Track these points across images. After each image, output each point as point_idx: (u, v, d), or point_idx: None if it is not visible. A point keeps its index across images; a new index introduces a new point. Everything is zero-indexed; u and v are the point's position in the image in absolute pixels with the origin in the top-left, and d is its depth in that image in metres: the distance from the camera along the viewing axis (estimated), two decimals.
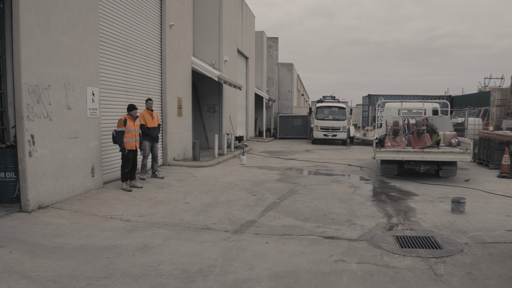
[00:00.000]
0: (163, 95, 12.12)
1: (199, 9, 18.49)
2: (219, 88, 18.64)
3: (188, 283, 4.15)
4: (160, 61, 12.05)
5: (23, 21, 6.28)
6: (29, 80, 6.45)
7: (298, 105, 45.96)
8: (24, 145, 6.39)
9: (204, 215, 6.87)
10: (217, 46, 18.61)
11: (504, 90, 25.14)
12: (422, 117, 12.51)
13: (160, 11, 12.02)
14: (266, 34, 32.90)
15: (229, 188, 9.26)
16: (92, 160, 8.24)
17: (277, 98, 36.28)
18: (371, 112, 30.13)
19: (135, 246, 5.23)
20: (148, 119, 9.75)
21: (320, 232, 6.00)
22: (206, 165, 12.62)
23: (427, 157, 10.41)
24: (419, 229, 6.18)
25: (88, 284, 4.06)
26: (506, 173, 11.31)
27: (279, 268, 4.57)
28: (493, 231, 6.04)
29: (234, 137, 17.99)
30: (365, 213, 7.13)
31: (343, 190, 9.25)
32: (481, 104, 26.73)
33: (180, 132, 13.22)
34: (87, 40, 7.98)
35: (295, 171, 12.45)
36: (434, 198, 8.41)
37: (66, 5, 7.33)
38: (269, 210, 7.27)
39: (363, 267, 4.61)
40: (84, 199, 7.55)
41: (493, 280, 4.28)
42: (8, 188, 6.88)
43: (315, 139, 23.99)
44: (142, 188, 8.86)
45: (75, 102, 7.67)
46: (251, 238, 5.67)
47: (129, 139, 8.56)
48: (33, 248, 5.01)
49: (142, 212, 7.01)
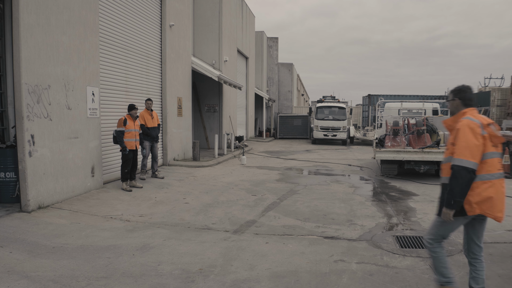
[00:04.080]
0: (163, 95, 12.12)
1: (199, 9, 18.49)
2: (219, 88, 18.64)
3: (188, 283, 4.15)
4: (160, 61, 12.05)
5: (23, 21, 6.28)
6: (29, 80, 6.45)
7: (298, 105, 45.97)
8: (24, 145, 6.39)
9: (204, 215, 6.87)
10: (217, 46, 18.60)
11: (504, 90, 25.14)
12: (422, 117, 12.51)
13: (160, 11, 12.02)
14: (266, 34, 32.91)
15: (229, 188, 9.27)
16: (92, 160, 8.24)
17: (277, 98, 36.28)
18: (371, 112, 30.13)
19: (135, 246, 5.22)
20: (148, 119, 9.75)
21: (320, 232, 6.00)
22: (206, 165, 12.62)
23: (427, 157, 10.41)
24: (419, 229, 6.18)
25: (88, 284, 4.06)
26: (506, 173, 11.31)
27: (279, 268, 4.57)
28: (493, 231, 6.03)
29: (234, 137, 17.99)
30: (365, 213, 7.13)
31: (343, 190, 9.25)
32: (481, 104, 26.72)
33: (180, 132, 13.22)
34: (87, 40, 7.98)
35: (295, 171, 12.44)
36: (434, 198, 8.41)
37: (66, 5, 7.33)
38: (269, 210, 7.27)
39: (363, 267, 4.61)
40: (84, 199, 7.55)
41: (493, 280, 4.28)
42: (8, 188, 6.88)
43: (315, 139, 23.99)
44: (142, 188, 8.86)
45: (75, 102, 7.67)
46: (251, 238, 5.67)
47: (129, 139, 8.56)
48: (33, 248, 5.01)
49: (142, 212, 7.01)
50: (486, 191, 3.35)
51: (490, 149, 3.39)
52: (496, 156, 3.43)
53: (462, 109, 3.60)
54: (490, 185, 3.36)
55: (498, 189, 3.40)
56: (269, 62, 35.68)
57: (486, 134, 3.39)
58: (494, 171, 3.39)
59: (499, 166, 3.44)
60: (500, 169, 3.44)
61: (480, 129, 3.38)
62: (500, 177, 3.43)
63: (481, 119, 3.47)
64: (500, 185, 3.43)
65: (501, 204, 3.42)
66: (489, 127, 3.40)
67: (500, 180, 3.43)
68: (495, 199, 3.37)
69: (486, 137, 3.38)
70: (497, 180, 3.40)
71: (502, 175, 3.45)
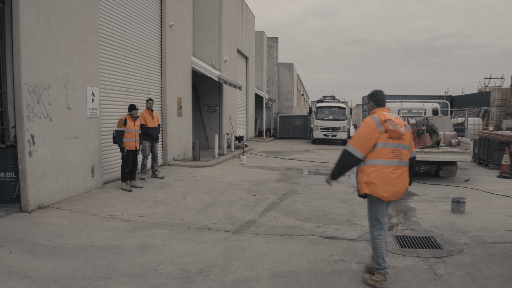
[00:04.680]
0: (163, 95, 12.12)
1: (199, 9, 18.48)
2: (219, 88, 18.64)
3: (188, 283, 4.15)
4: (160, 61, 12.05)
5: (23, 21, 6.28)
6: (29, 80, 6.45)
7: (298, 105, 45.97)
8: (24, 145, 6.39)
9: (204, 215, 6.87)
10: (217, 46, 18.60)
11: (504, 90, 25.14)
12: (422, 117, 12.51)
13: (160, 11, 12.02)
14: (266, 34, 32.90)
15: (229, 188, 9.27)
16: (92, 160, 8.24)
17: (277, 98, 36.28)
18: None
19: (135, 246, 5.23)
20: (148, 119, 9.75)
21: (320, 232, 6.00)
22: (206, 165, 12.62)
23: (427, 157, 10.40)
24: (419, 229, 6.18)
25: (88, 284, 4.06)
26: (506, 173, 11.31)
27: (279, 268, 4.57)
28: (493, 231, 6.03)
29: (234, 137, 17.99)
30: (365, 213, 7.11)
31: (343, 190, 9.25)
32: (481, 104, 26.72)
33: (180, 132, 13.22)
34: (87, 40, 7.98)
35: (295, 171, 12.44)
36: (434, 198, 8.41)
37: (66, 5, 7.33)
38: (269, 210, 7.27)
39: (363, 267, 4.60)
40: (84, 199, 7.55)
41: (493, 280, 4.28)
42: (8, 188, 6.88)
43: (315, 139, 23.99)
44: (142, 188, 8.86)
45: (75, 102, 7.67)
46: (251, 238, 5.67)
47: (129, 139, 8.56)
48: (33, 248, 5.01)
49: (142, 212, 7.01)
50: (372, 174, 4.01)
51: (384, 140, 4.02)
52: (390, 146, 4.03)
53: (375, 109, 4.25)
54: (377, 169, 4.00)
55: (384, 174, 4.00)
56: (269, 62, 35.67)
57: (383, 129, 4.01)
58: (384, 158, 4.02)
59: (392, 155, 4.03)
60: (391, 158, 4.03)
61: (376, 125, 4.04)
62: (391, 164, 4.02)
63: (382, 116, 4.07)
64: (389, 171, 4.01)
65: (387, 187, 4.00)
66: (386, 123, 4.01)
67: (390, 166, 4.02)
68: (380, 181, 3.99)
69: (382, 131, 4.01)
70: (385, 166, 4.01)
71: (394, 162, 4.03)
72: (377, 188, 3.99)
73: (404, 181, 4.12)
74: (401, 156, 4.07)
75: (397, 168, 4.04)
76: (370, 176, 4.01)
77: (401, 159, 4.07)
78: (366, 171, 4.04)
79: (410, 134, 4.28)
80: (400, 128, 4.05)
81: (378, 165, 4.01)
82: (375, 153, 4.02)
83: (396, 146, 4.05)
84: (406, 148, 4.13)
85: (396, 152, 4.05)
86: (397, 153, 4.05)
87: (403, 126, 4.11)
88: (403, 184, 4.11)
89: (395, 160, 4.04)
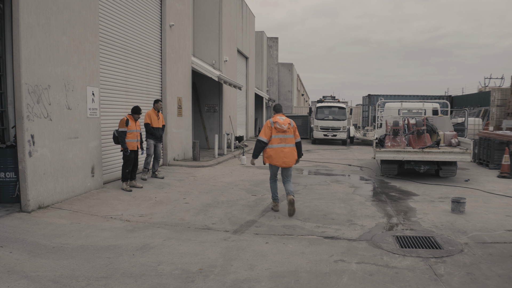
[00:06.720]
0: (163, 95, 12.12)
1: (199, 9, 18.48)
2: (219, 88, 18.64)
3: (188, 283, 4.15)
4: (160, 61, 12.05)
5: (23, 21, 6.28)
6: (29, 80, 6.45)
7: (298, 105, 45.98)
8: (24, 145, 6.39)
9: (204, 215, 6.87)
10: (217, 46, 18.60)
11: (504, 90, 25.14)
12: (422, 117, 12.51)
13: (160, 11, 12.02)
14: (266, 34, 32.91)
15: (229, 188, 9.27)
16: (92, 160, 8.24)
17: (277, 98, 36.29)
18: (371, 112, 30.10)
19: (135, 246, 5.23)
20: (154, 119, 9.80)
21: (320, 232, 6.00)
22: (206, 165, 12.62)
23: (427, 157, 10.41)
24: (419, 229, 6.18)
25: (88, 284, 4.06)
26: (506, 173, 11.31)
27: (279, 268, 4.57)
28: (493, 231, 6.04)
29: (234, 137, 17.99)
30: (365, 213, 7.13)
31: (343, 190, 9.25)
32: (481, 104, 26.71)
33: (180, 132, 13.22)
34: (87, 40, 7.98)
35: (295, 171, 12.43)
36: (434, 198, 8.41)
37: (66, 5, 7.33)
38: (269, 210, 7.27)
39: (363, 267, 4.61)
40: (84, 199, 7.55)
41: (493, 280, 4.28)
42: (8, 188, 6.88)
43: (315, 139, 23.99)
44: (142, 188, 8.86)
45: (75, 102, 7.67)
46: (251, 238, 5.67)
47: (131, 140, 8.56)
48: (33, 248, 5.01)
49: (142, 212, 7.01)
50: (269, 152, 6.85)
51: (274, 133, 6.79)
52: (278, 136, 6.79)
53: (274, 115, 7.06)
54: (272, 149, 6.82)
55: (277, 152, 6.79)
56: (269, 62, 35.69)
57: (273, 126, 6.79)
58: (275, 143, 6.79)
59: (279, 141, 6.78)
60: (280, 142, 6.78)
61: (270, 124, 6.83)
62: (280, 146, 6.78)
63: (274, 119, 6.85)
64: (280, 150, 6.78)
65: (279, 159, 6.80)
66: (275, 124, 6.78)
67: (281, 147, 6.78)
68: (274, 156, 6.81)
69: (273, 128, 6.80)
70: (277, 147, 6.78)
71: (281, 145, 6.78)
72: (272, 160, 6.85)
73: (293, 155, 6.87)
74: (286, 141, 6.82)
75: (284, 148, 6.79)
76: (267, 153, 6.87)
77: (286, 143, 6.81)
78: (266, 151, 6.89)
79: (294, 128, 6.93)
80: (284, 126, 6.78)
81: (273, 147, 6.81)
82: (272, 140, 6.81)
83: (282, 136, 6.80)
84: (290, 136, 6.86)
85: (282, 139, 6.80)
86: (283, 140, 6.80)
87: (287, 124, 6.82)
88: (292, 157, 6.87)
89: (281, 143, 6.80)
